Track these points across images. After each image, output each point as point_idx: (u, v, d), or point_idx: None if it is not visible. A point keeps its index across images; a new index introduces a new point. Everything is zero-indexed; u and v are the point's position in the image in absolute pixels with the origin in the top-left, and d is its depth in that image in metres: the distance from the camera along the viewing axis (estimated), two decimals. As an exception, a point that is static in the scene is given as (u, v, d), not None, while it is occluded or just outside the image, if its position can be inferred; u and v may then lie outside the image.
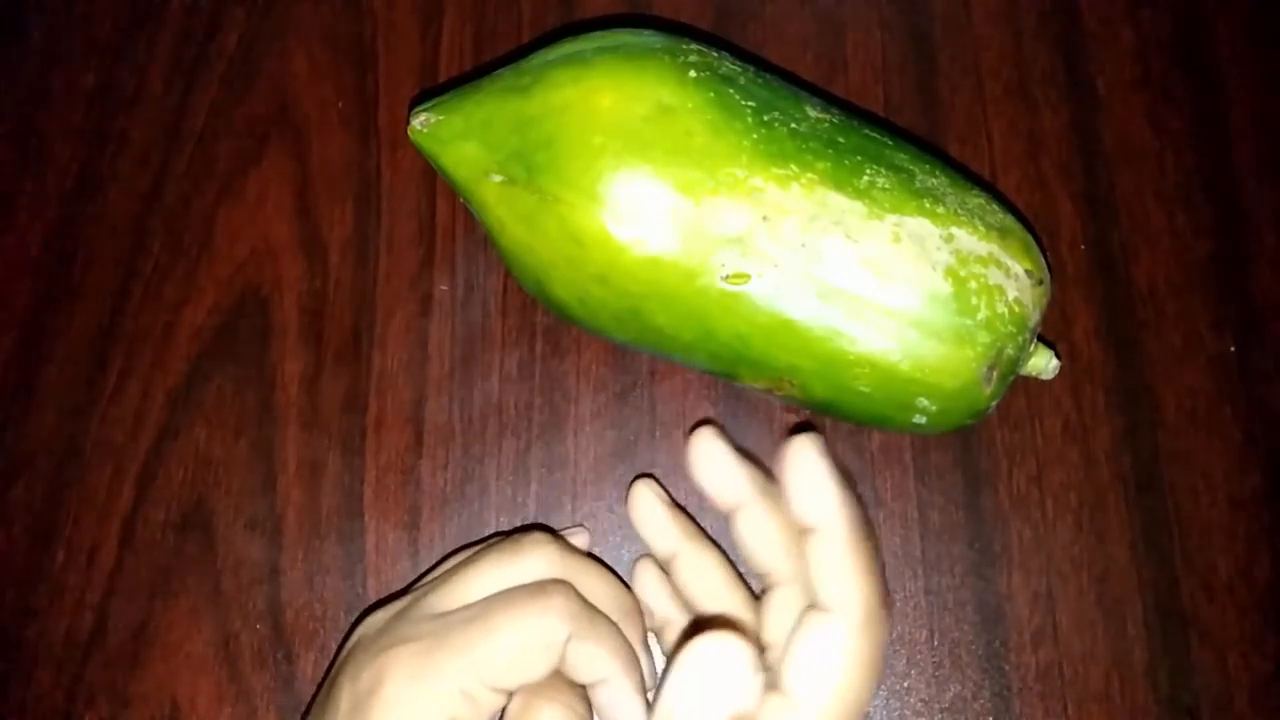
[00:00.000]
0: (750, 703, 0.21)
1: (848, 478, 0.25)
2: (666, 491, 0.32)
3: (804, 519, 0.24)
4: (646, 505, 0.30)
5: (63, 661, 0.33)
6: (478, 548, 0.31)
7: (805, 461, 0.24)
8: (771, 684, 0.22)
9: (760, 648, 0.27)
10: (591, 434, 0.35)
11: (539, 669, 0.26)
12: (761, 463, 0.28)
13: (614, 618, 0.28)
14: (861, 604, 0.23)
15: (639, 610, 0.30)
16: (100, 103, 0.39)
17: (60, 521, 0.34)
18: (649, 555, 0.31)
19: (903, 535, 0.34)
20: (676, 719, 0.20)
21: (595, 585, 0.29)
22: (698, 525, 0.32)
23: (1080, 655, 0.33)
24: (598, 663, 0.27)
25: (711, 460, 0.27)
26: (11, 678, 0.32)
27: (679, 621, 0.30)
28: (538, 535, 0.29)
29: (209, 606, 0.33)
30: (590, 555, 0.32)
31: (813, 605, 0.23)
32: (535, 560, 0.28)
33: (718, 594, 0.29)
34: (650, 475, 0.34)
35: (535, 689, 0.27)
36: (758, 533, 0.27)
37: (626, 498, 0.31)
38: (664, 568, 0.31)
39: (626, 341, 0.31)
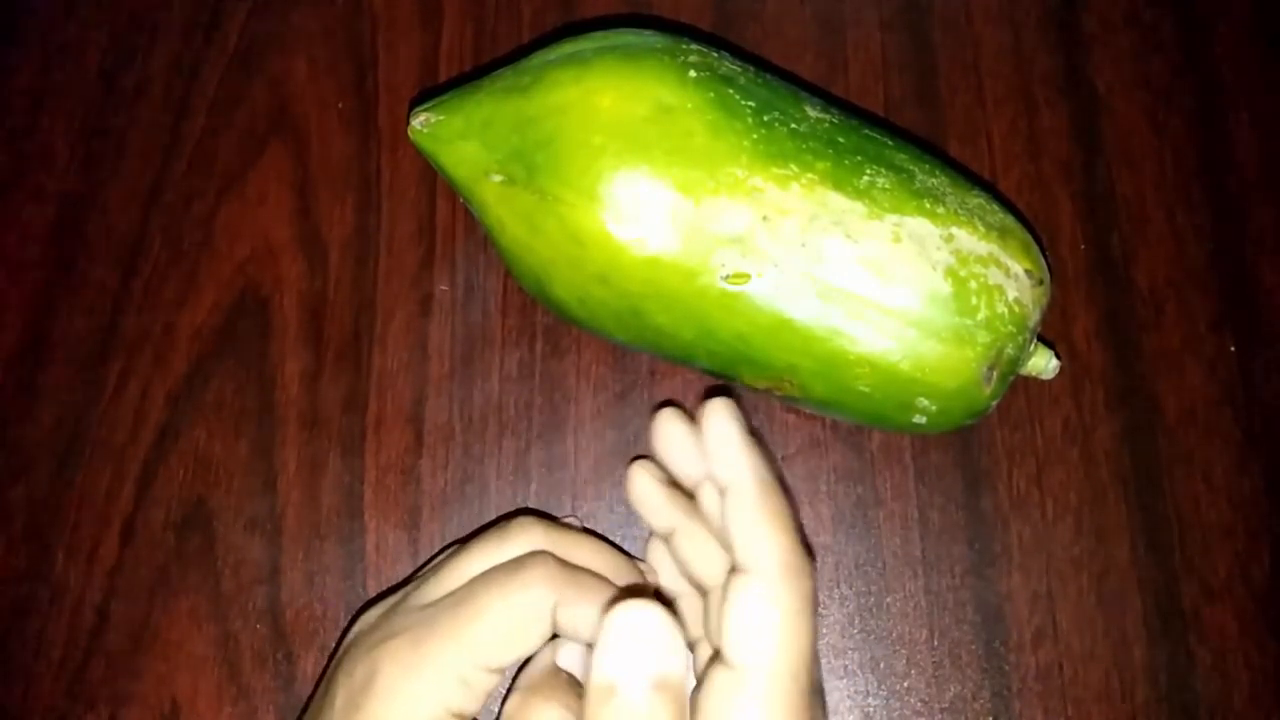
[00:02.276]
0: (675, 666, 0.21)
1: (759, 440, 0.26)
2: (664, 471, 0.32)
3: (717, 480, 0.25)
4: (642, 485, 0.30)
5: (63, 661, 0.33)
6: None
7: (714, 424, 0.25)
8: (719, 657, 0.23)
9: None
10: (591, 434, 0.35)
11: (531, 641, 0.26)
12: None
13: (608, 577, 0.28)
14: (777, 556, 0.23)
15: (636, 570, 0.30)
16: (100, 103, 0.39)
17: (60, 521, 0.34)
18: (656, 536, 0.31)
19: (903, 535, 0.34)
20: (601, 684, 0.21)
21: (586, 555, 0.29)
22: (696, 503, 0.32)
23: (1080, 655, 0.33)
24: (594, 621, 0.27)
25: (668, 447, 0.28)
26: (11, 678, 0.32)
27: (691, 595, 0.30)
28: (524, 518, 0.30)
29: (209, 606, 0.33)
30: (586, 530, 0.32)
31: (733, 569, 0.24)
32: (522, 542, 0.28)
33: (716, 567, 0.29)
34: (646, 456, 0.33)
35: (532, 688, 0.27)
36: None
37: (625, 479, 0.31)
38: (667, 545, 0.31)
39: (626, 341, 0.31)
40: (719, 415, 0.25)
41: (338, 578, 0.33)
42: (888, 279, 0.27)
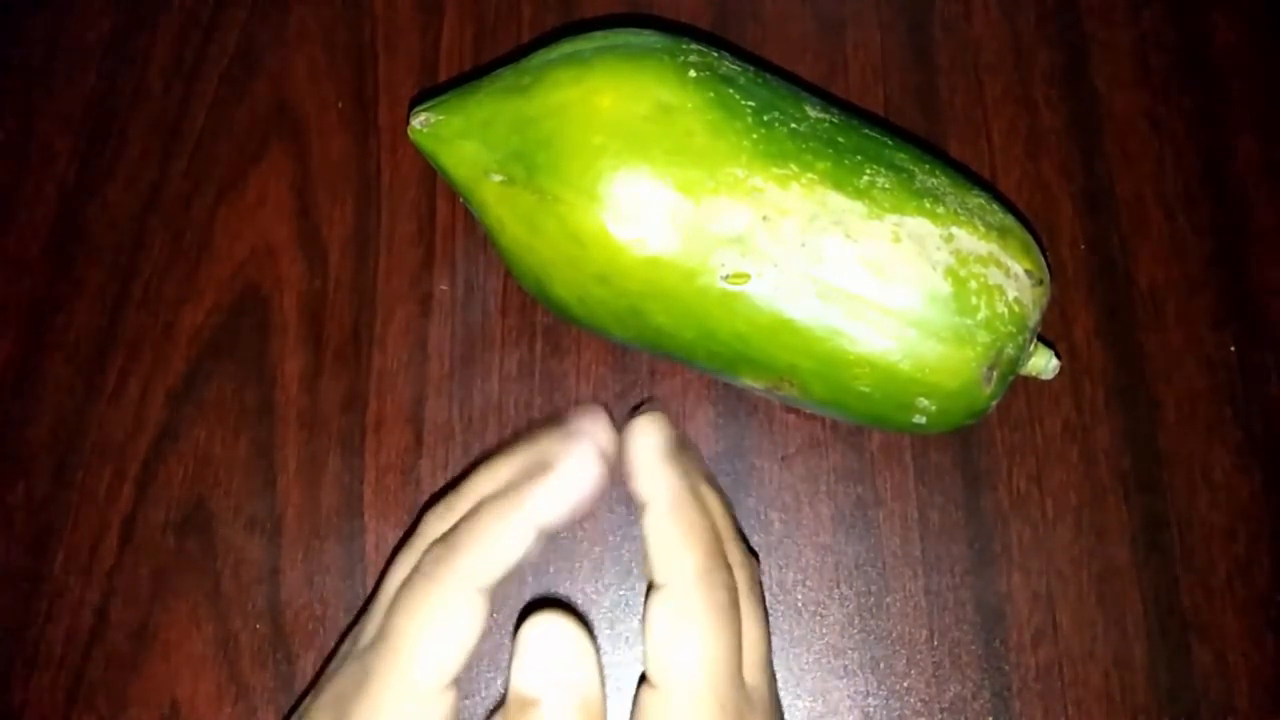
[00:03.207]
0: (591, 685, 0.21)
1: (686, 448, 0.26)
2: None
3: (635, 497, 0.25)
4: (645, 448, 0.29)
5: (63, 662, 0.33)
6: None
7: (632, 443, 0.25)
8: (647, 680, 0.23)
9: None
10: (591, 434, 0.35)
11: (468, 638, 0.24)
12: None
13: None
14: (687, 568, 0.23)
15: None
16: (100, 102, 0.39)
17: (60, 521, 0.34)
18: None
19: (903, 535, 0.34)
20: (520, 696, 0.21)
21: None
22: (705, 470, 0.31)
23: (1080, 655, 0.33)
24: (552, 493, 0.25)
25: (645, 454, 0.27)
26: (11, 678, 0.32)
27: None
28: (425, 515, 0.28)
29: (209, 606, 0.33)
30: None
31: (650, 586, 0.24)
32: (426, 539, 0.26)
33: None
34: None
35: (525, 704, 0.27)
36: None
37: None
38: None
39: (626, 341, 0.31)
40: (637, 433, 0.25)
41: (338, 578, 0.33)
42: (888, 279, 0.27)
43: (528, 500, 0.25)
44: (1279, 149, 0.38)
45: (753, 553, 0.31)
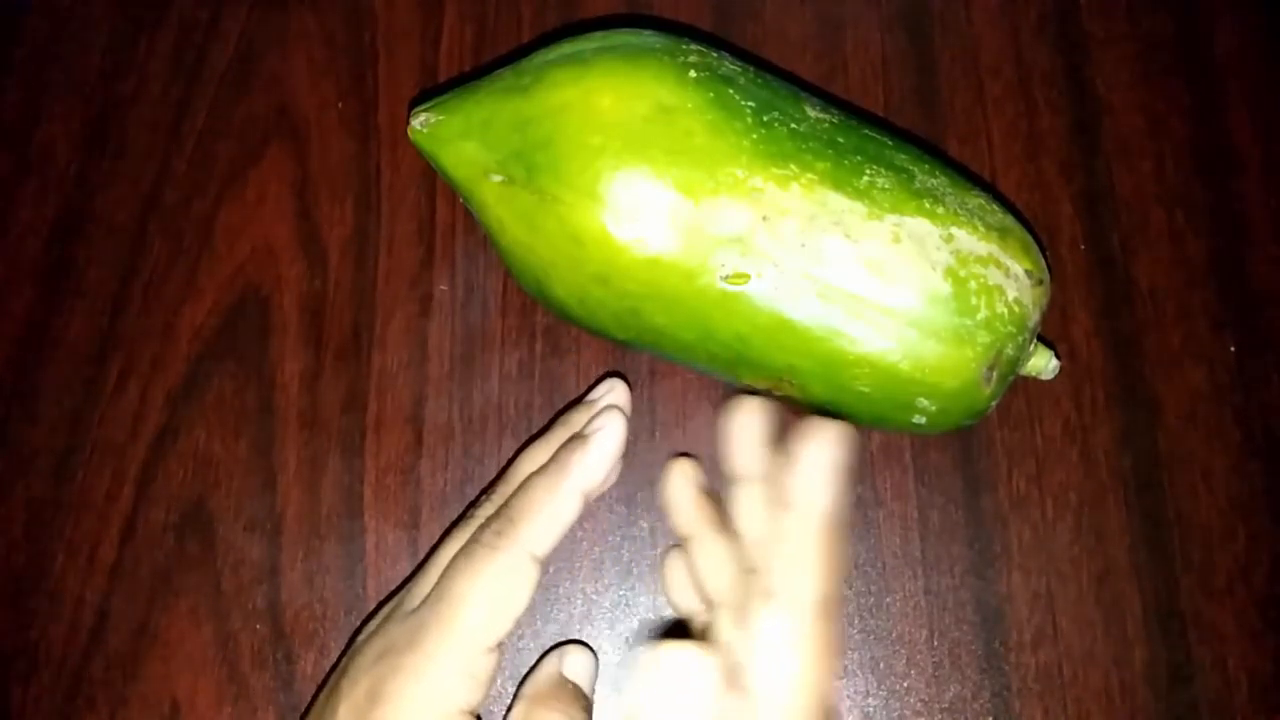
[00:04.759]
0: (711, 716, 0.21)
1: (852, 474, 0.25)
2: (702, 476, 0.32)
3: (787, 491, 0.24)
4: (679, 484, 0.30)
5: (63, 661, 0.33)
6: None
7: (818, 447, 0.24)
8: (733, 681, 0.22)
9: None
10: (591, 434, 0.35)
11: (518, 603, 0.26)
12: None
13: None
14: (815, 592, 0.23)
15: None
16: (100, 103, 0.39)
17: (60, 521, 0.34)
18: (677, 545, 0.31)
19: (903, 535, 0.34)
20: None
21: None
22: (724, 515, 0.31)
23: (1080, 655, 0.33)
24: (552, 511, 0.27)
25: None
26: (11, 678, 0.32)
27: (701, 613, 0.29)
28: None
29: (209, 606, 0.33)
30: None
31: (760, 590, 0.23)
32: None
33: (728, 583, 0.29)
34: (688, 455, 0.33)
35: (537, 697, 0.27)
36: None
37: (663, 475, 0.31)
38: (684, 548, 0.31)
39: (626, 341, 0.31)
40: (827, 439, 0.24)
41: (338, 578, 0.33)
42: (887, 279, 0.27)
43: (573, 469, 0.28)
44: (1279, 149, 0.38)
45: None
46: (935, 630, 0.33)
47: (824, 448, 0.24)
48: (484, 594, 0.26)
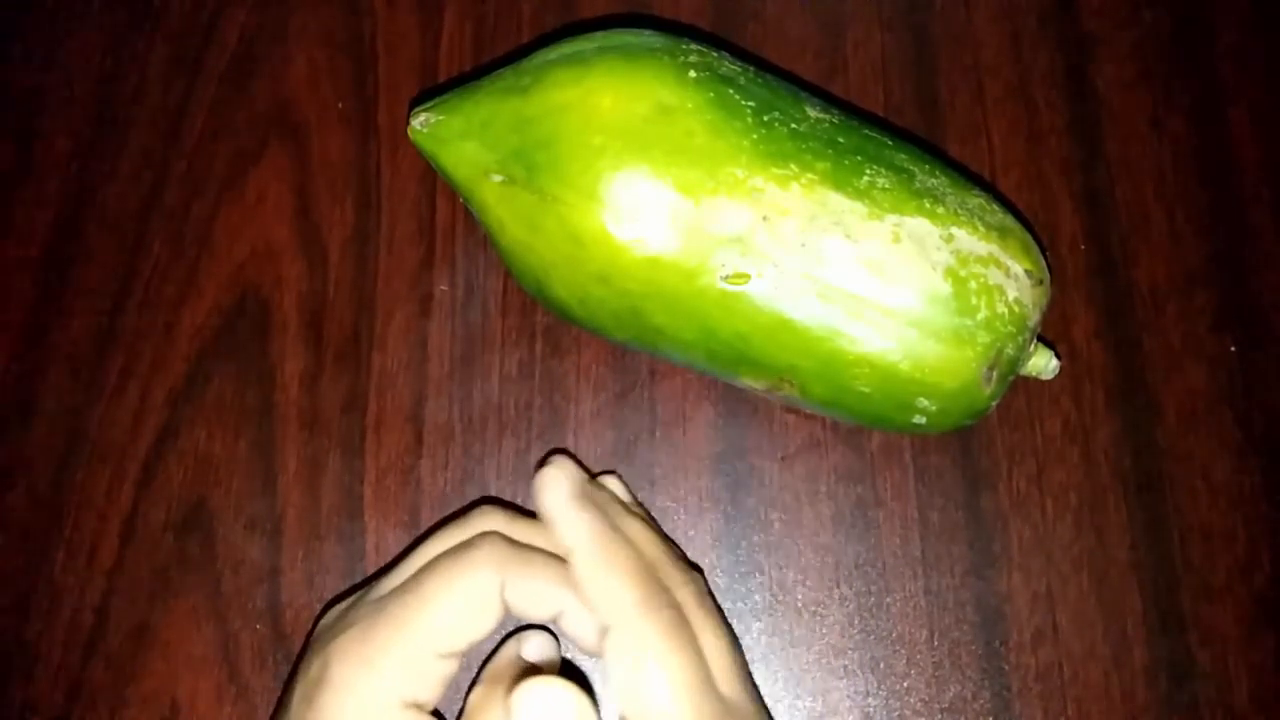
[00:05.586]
0: None
1: (597, 484, 0.27)
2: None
3: (559, 550, 0.26)
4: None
5: (63, 662, 0.33)
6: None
7: (542, 498, 0.26)
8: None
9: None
10: (591, 434, 0.35)
11: (482, 624, 0.26)
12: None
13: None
14: (627, 601, 0.23)
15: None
16: (100, 103, 0.39)
17: (60, 521, 0.34)
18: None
19: (903, 535, 0.34)
20: None
21: (544, 540, 0.29)
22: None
23: (1080, 655, 0.33)
24: (545, 597, 0.26)
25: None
26: (11, 678, 0.32)
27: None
28: (485, 507, 0.29)
29: (209, 606, 0.33)
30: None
31: (603, 629, 0.24)
32: (481, 528, 0.28)
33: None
34: (566, 452, 0.33)
35: (496, 679, 0.27)
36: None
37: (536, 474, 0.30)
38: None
39: (626, 341, 0.31)
40: (542, 488, 0.26)
41: (338, 578, 0.33)
42: (888, 279, 0.27)
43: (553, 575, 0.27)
44: (1279, 149, 0.38)
45: (695, 567, 0.31)
46: (935, 630, 0.33)
47: (551, 492, 0.26)
48: (454, 601, 0.25)
